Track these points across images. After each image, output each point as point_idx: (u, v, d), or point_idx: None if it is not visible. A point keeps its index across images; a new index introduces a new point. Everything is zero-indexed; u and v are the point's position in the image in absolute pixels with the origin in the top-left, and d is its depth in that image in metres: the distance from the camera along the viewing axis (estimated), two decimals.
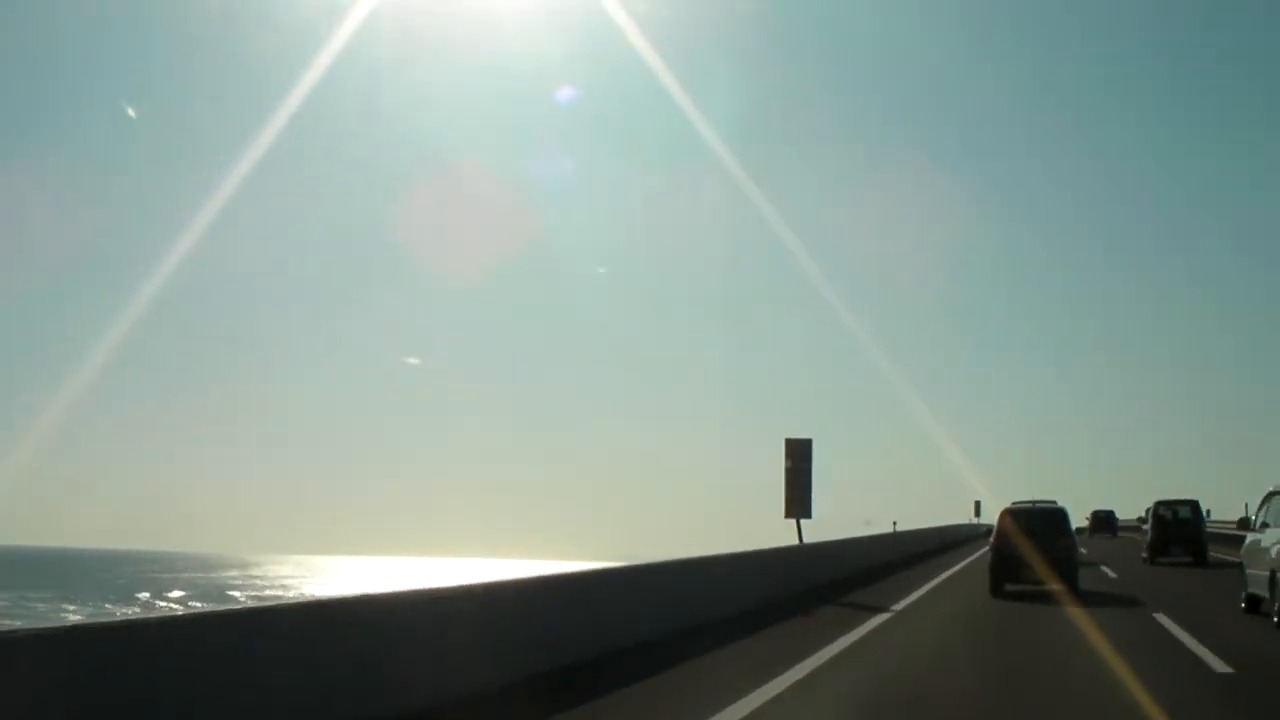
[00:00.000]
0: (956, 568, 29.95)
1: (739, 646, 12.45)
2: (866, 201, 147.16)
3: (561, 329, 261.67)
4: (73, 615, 49.46)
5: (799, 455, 22.40)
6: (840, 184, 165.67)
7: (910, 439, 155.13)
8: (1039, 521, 20.96)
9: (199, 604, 57.83)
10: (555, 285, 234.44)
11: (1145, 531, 34.99)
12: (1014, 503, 22.49)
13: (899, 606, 17.88)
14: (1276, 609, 14.10)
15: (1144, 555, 32.88)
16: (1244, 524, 21.27)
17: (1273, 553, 14.63)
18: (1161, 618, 15.14)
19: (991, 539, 22.07)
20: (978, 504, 62.29)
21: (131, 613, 48.99)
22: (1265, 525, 15.90)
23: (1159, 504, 33.50)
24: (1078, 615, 15.88)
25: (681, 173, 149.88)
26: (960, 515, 62.02)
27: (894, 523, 40.61)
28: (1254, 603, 15.65)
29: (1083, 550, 28.25)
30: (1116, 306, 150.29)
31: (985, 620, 16.41)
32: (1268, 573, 14.70)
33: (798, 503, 22.34)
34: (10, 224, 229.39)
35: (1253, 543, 16.39)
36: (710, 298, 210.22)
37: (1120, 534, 54.46)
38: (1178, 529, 32.58)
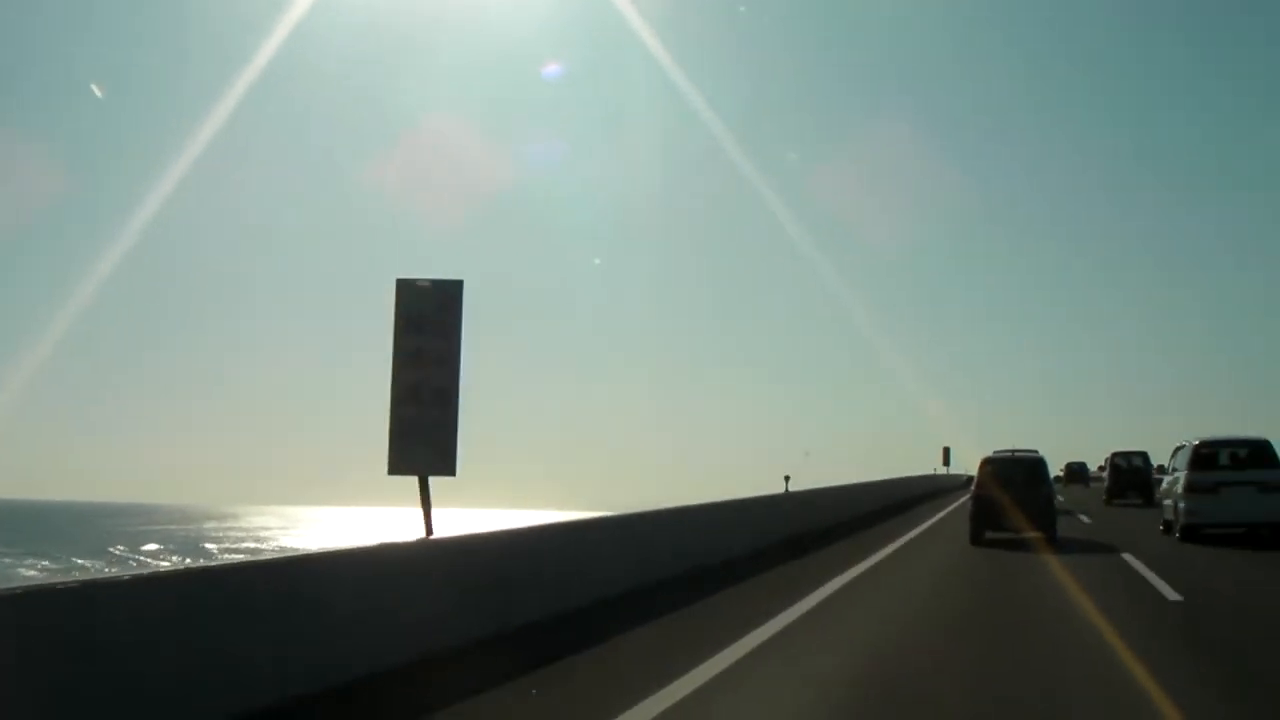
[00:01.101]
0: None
1: None
2: (852, 166, 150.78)
3: (555, 298, 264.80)
4: (31, 572, 50.55)
5: None
6: (827, 149, 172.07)
7: (886, 393, 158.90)
8: (1018, 470, 21.03)
9: (175, 559, 58.87)
10: (549, 260, 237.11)
11: (1104, 478, 40.25)
12: (994, 451, 22.47)
13: None
14: (1176, 528, 21.00)
15: (1103, 498, 37.60)
16: (1162, 470, 27.95)
17: (1173, 490, 21.73)
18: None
19: (971, 488, 22.21)
20: (946, 450, 58.79)
21: (98, 567, 48.83)
22: (1174, 469, 22.25)
23: (1115, 454, 38.80)
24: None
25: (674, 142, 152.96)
26: (926, 466, 59.01)
27: (786, 478, 27.54)
28: (1166, 526, 22.32)
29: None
30: (1088, 260, 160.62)
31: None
32: (1171, 503, 21.83)
33: None
34: None
35: (1165, 484, 23.58)
36: (699, 259, 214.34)
37: (1091, 484, 57.08)
38: (1130, 475, 37.62)
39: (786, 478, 27.81)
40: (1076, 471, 60.27)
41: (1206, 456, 21.09)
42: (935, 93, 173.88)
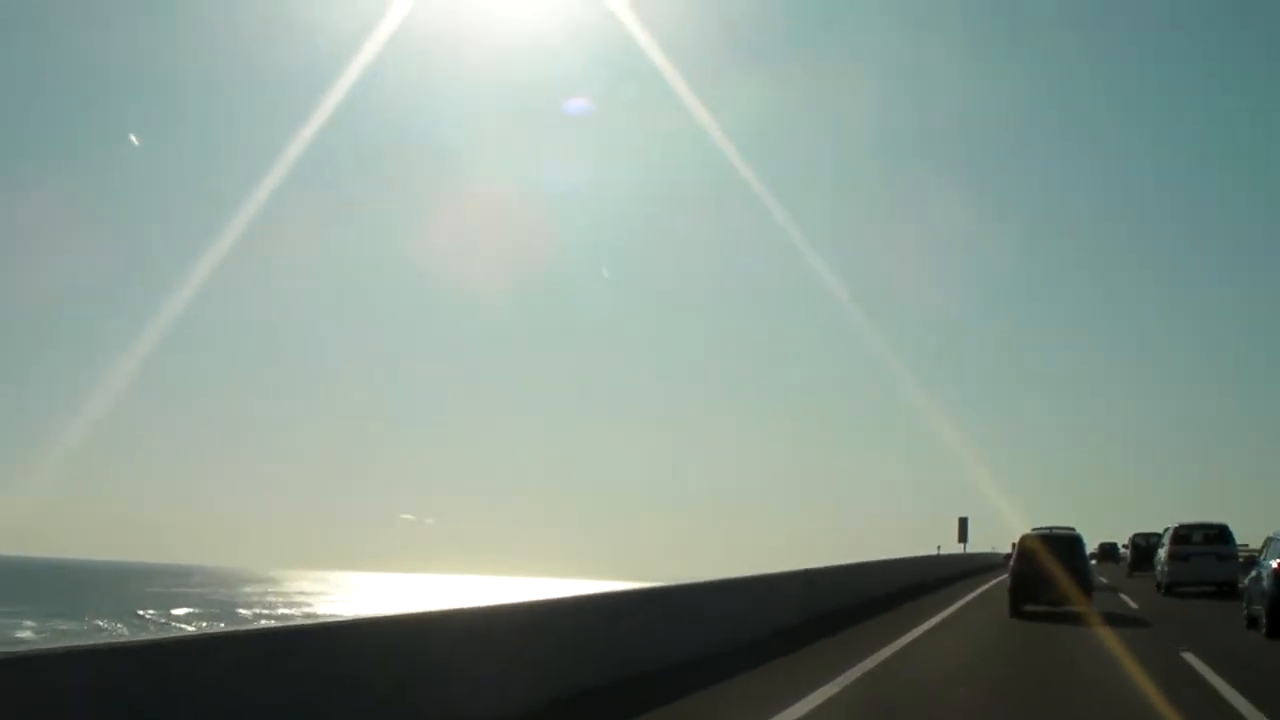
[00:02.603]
0: None
1: None
2: (875, 208, 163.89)
3: (574, 336, 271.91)
4: (24, 633, 50.14)
5: None
6: (852, 192, 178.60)
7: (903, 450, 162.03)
8: (1056, 546, 22.35)
9: (202, 623, 59.11)
10: (566, 290, 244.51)
11: (1126, 556, 46.95)
12: (1033, 528, 23.78)
13: None
14: (1161, 586, 29.64)
15: (1126, 572, 43.49)
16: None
17: (1160, 559, 30.58)
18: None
19: (1011, 562, 23.49)
20: (963, 522, 48.52)
21: (119, 629, 51.75)
22: (1162, 544, 30.90)
23: (1135, 535, 44.93)
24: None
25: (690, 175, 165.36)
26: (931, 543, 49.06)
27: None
28: (1158, 585, 30.12)
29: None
30: (1102, 327, 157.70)
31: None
32: (1160, 568, 30.67)
33: None
34: (32, 244, 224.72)
35: (1158, 555, 31.36)
36: (720, 301, 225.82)
37: (1120, 561, 59.26)
38: (1147, 552, 39.36)
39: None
40: (1109, 550, 65.60)
41: (1182, 535, 29.33)
42: (1004, 152, 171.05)
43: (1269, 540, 19.05)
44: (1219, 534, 29.21)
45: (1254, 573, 18.68)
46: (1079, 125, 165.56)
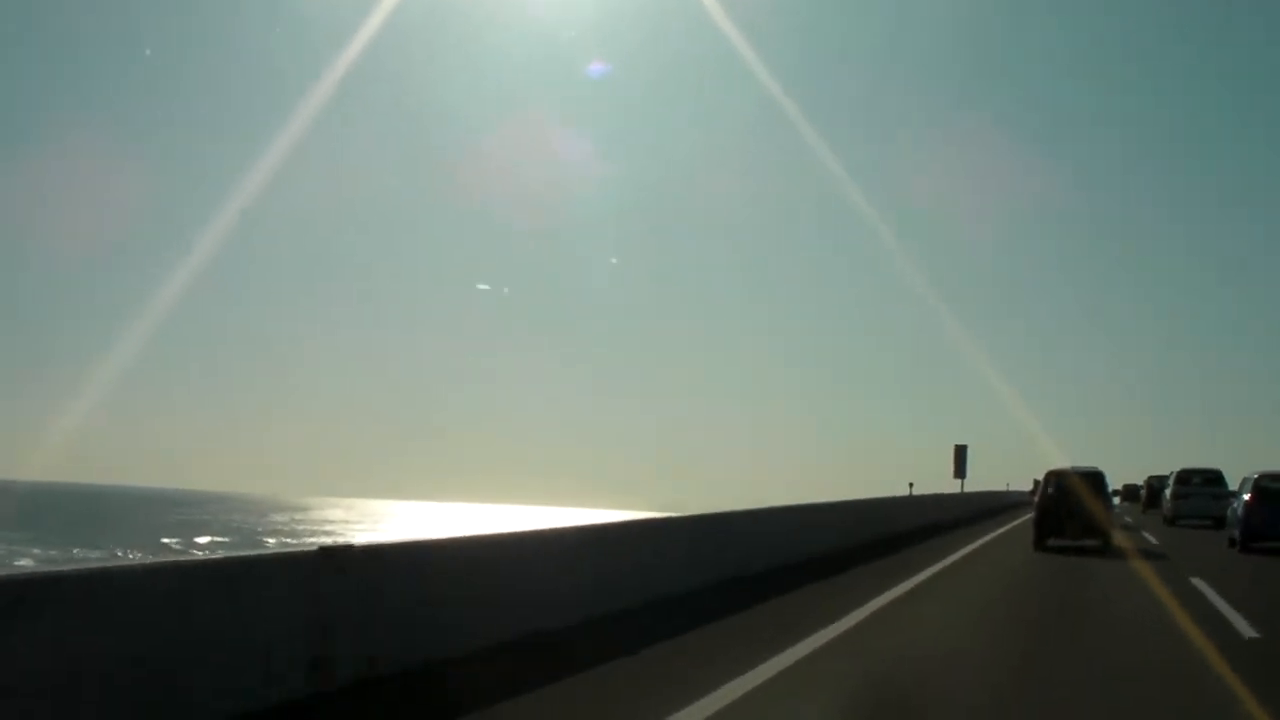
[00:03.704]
0: None
1: None
2: (910, 158, 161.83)
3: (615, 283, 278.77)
4: (24, 561, 48.06)
5: None
6: (882, 140, 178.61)
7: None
8: (1081, 483, 22.69)
9: (222, 551, 63.67)
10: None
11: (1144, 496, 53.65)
12: (1056, 467, 24.04)
13: None
14: (1166, 519, 35.63)
15: (1142, 509, 49.84)
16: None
17: (1166, 497, 37.08)
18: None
19: (1036, 499, 24.21)
20: (960, 451, 39.64)
21: (135, 556, 47.13)
22: (1169, 484, 37.43)
23: (1150, 478, 52.25)
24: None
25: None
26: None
27: None
28: (1165, 519, 36.02)
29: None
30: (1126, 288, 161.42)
31: None
32: (1167, 504, 36.52)
33: None
34: (80, 186, 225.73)
35: (1165, 494, 37.93)
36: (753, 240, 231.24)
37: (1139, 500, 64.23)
38: (1160, 493, 44.21)
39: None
40: (1133, 491, 72.38)
41: (1184, 478, 35.53)
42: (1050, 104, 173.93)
43: (1244, 480, 24.33)
44: (1215, 477, 34.71)
45: (1233, 505, 24.71)
46: (1129, 60, 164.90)
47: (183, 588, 5.82)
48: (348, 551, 6.86)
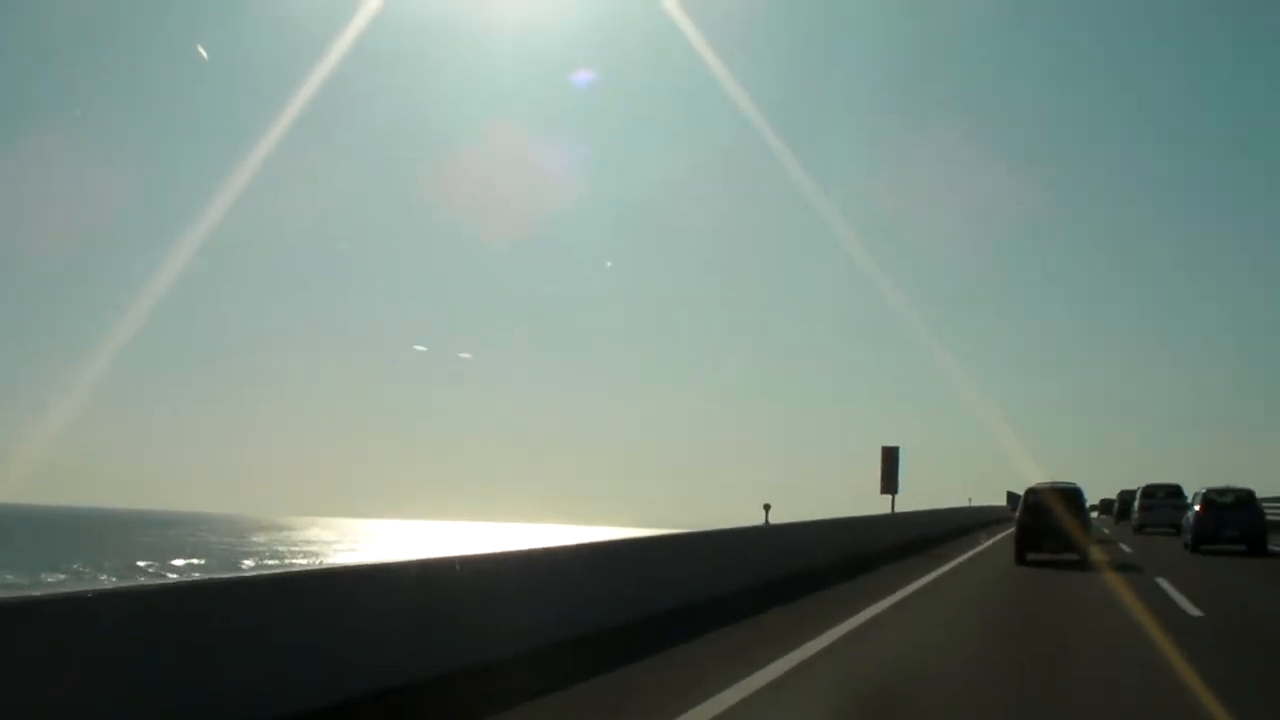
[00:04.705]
0: None
1: None
2: (893, 172, 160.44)
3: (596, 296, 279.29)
4: None
5: None
6: (864, 153, 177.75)
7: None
8: (1060, 499, 23.24)
9: (196, 574, 56.08)
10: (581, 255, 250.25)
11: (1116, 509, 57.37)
12: (1036, 483, 24.48)
13: None
14: (1134, 527, 41.71)
15: (1114, 520, 55.77)
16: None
17: (1134, 509, 43.06)
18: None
19: (1016, 514, 24.73)
20: (890, 454, 32.20)
21: (107, 580, 46.28)
22: (1138, 498, 42.50)
23: (1121, 491, 57.69)
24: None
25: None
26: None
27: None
28: (1134, 527, 41.14)
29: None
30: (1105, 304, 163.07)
31: None
32: (1135, 514, 41.95)
33: None
34: (47, 199, 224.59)
35: (1134, 505, 43.49)
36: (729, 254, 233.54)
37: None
38: (1129, 506, 49.21)
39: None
40: (1108, 505, 75.76)
41: (1149, 492, 41.00)
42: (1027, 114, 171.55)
43: (1195, 494, 28.83)
44: (1175, 491, 39.61)
45: (1187, 515, 29.51)
46: (1106, 64, 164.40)
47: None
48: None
